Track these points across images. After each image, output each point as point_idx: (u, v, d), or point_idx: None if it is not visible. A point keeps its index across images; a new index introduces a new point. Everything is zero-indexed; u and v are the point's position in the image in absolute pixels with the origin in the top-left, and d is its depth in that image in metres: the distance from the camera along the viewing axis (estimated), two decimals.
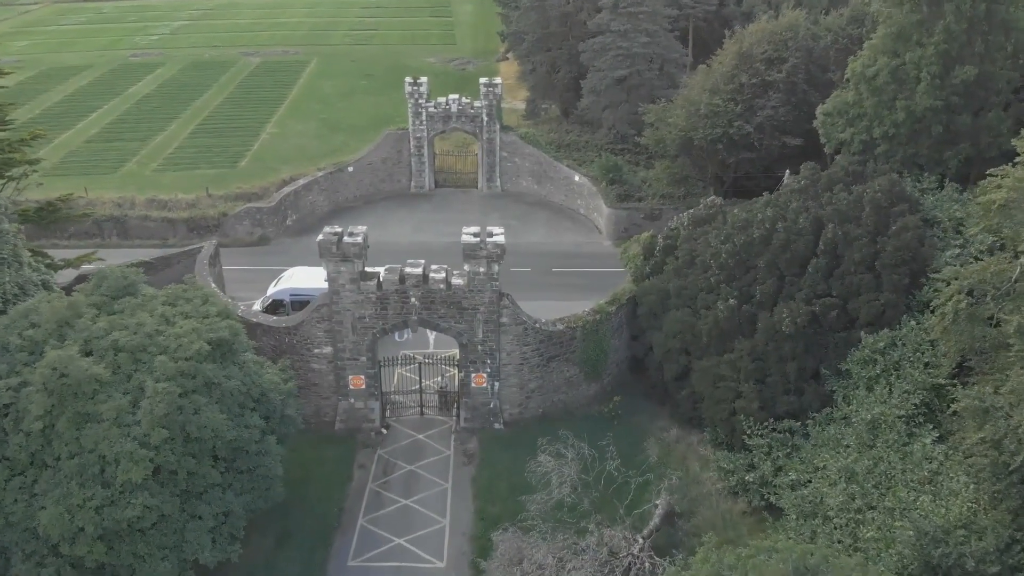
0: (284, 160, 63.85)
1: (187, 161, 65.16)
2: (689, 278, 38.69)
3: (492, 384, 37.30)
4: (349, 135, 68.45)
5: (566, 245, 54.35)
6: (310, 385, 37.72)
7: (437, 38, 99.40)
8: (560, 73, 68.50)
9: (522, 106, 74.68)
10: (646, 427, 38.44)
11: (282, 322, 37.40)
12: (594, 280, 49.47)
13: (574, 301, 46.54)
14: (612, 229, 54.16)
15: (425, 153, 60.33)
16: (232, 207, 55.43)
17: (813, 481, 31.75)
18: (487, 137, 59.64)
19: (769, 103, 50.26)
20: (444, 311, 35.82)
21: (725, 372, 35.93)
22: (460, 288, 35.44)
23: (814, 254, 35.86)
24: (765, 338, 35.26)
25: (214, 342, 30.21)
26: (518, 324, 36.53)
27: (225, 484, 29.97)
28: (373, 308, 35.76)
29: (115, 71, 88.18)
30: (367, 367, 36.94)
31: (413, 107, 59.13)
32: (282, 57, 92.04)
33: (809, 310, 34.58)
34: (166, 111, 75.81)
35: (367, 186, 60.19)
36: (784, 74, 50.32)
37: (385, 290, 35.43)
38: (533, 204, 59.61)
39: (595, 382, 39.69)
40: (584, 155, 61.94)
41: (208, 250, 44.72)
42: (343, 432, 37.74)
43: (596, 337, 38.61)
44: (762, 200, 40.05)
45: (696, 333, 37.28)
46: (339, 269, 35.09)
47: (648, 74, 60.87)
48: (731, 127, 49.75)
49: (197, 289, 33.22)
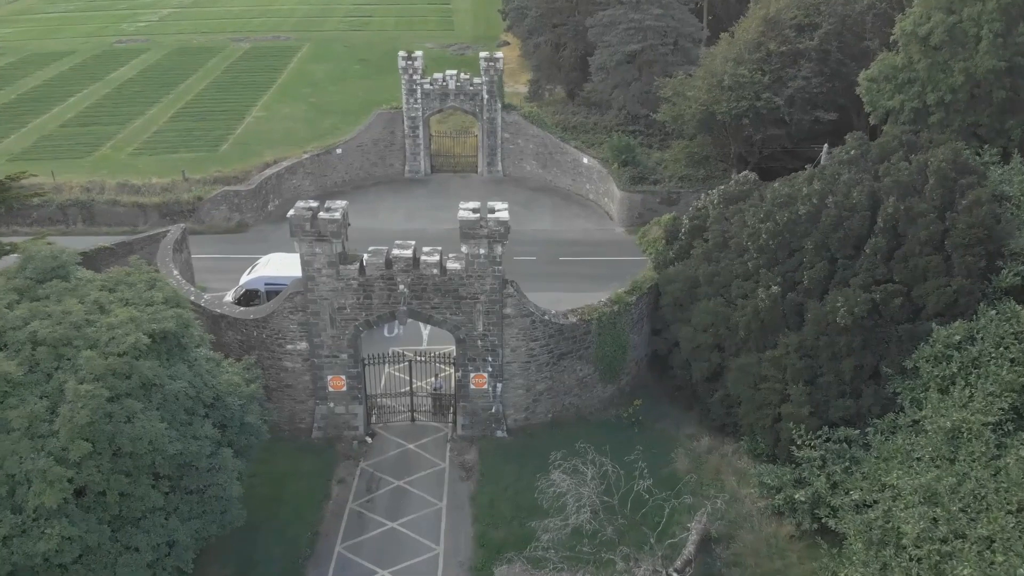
0: (269, 144, 57.86)
1: (165, 145, 59.22)
2: (722, 263, 32.71)
3: (494, 385, 31.31)
4: (340, 118, 62.47)
5: (574, 232, 48.39)
6: (282, 387, 31.73)
7: (435, 24, 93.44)
8: (566, 51, 62.53)
9: (524, 90, 68.75)
10: (672, 435, 32.45)
11: (249, 313, 31.40)
12: (606, 269, 43.62)
13: (584, 292, 40.87)
14: (625, 215, 48.17)
15: (420, 134, 54.34)
16: (209, 191, 49.44)
17: (881, 501, 25.74)
18: (488, 117, 53.66)
19: (800, 73, 44.32)
20: (438, 301, 29.85)
21: (767, 371, 29.94)
22: (457, 273, 29.49)
23: (871, 233, 29.93)
24: (815, 331, 29.28)
25: (157, 334, 24.28)
26: (524, 316, 30.55)
27: (169, 508, 24.01)
28: (355, 297, 29.79)
29: (98, 57, 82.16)
30: (349, 366, 30.95)
31: (407, 84, 53.13)
32: (272, 43, 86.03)
33: (868, 298, 28.61)
34: (147, 96, 69.83)
35: (357, 170, 54.18)
36: (816, 41, 44.40)
37: (369, 276, 29.47)
38: (538, 189, 53.63)
39: (611, 383, 33.71)
40: (593, 137, 55.94)
41: (174, 235, 38.72)
42: (321, 441, 31.75)
43: (614, 331, 32.62)
44: (804, 174, 34.09)
45: (731, 326, 31.32)
46: (314, 251, 29.13)
47: (662, 49, 54.88)
48: (758, 100, 43.80)
49: (143, 272, 27.23)
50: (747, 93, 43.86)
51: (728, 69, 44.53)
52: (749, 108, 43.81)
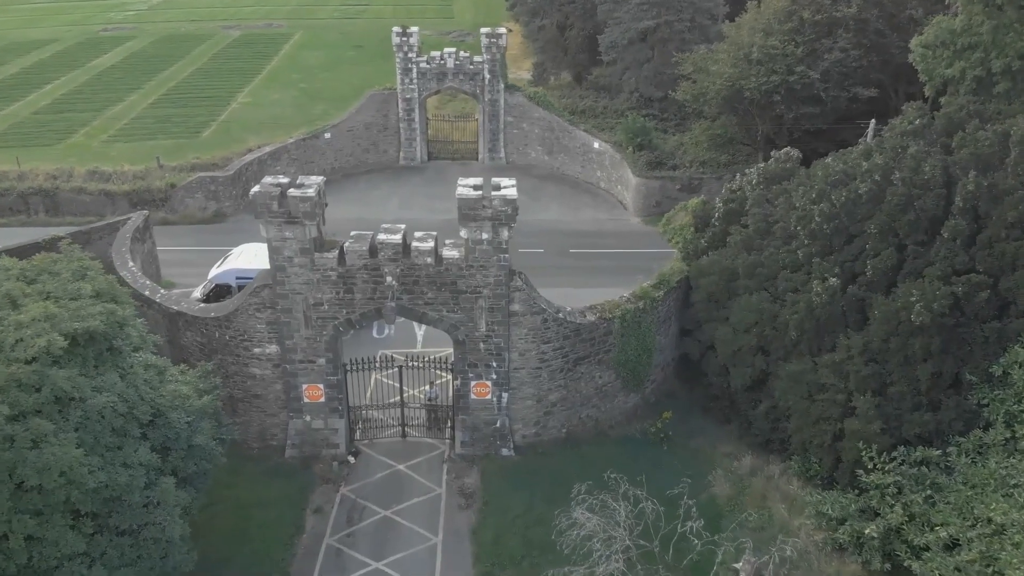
0: (253, 130, 52.54)
1: (142, 132, 53.89)
2: (765, 252, 27.38)
3: (499, 395, 25.96)
4: (331, 104, 57.13)
5: (585, 223, 43.04)
6: (250, 397, 26.38)
7: (434, 11, 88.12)
8: (572, 31, 57.20)
9: (528, 76, 63.42)
10: (708, 454, 27.07)
11: (209, 311, 26.02)
12: (621, 262, 38.34)
13: (597, 288, 35.59)
14: (641, 203, 42.82)
15: (416, 118, 48.98)
16: (184, 178, 44.04)
17: (977, 540, 20.44)
18: (489, 98, 48.31)
19: (837, 45, 38.99)
20: (433, 295, 24.51)
21: (826, 379, 24.60)
22: (455, 263, 24.15)
23: (947, 214, 24.62)
24: (884, 331, 23.94)
25: (79, 335, 18.97)
26: (535, 313, 25.20)
27: (93, 553, 18.72)
28: (334, 291, 24.45)
29: (81, 44, 76.79)
30: (327, 373, 25.59)
31: (402, 62, 47.77)
32: (264, 31, 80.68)
33: (948, 291, 23.28)
34: (128, 82, 64.50)
35: (347, 156, 48.80)
36: (855, 9, 39.06)
37: (350, 265, 24.13)
38: (544, 177, 48.27)
39: (635, 392, 28.36)
40: (603, 121, 50.63)
41: (135, 222, 33.35)
42: (295, 461, 26.38)
43: (638, 331, 27.28)
44: (859, 148, 28.78)
45: (779, 326, 25.99)
46: (284, 235, 23.77)
47: (678, 26, 49.54)
48: (791, 74, 38.47)
49: (72, 260, 21.89)
50: (778, 67, 38.55)
51: (757, 40, 39.24)
52: (781, 83, 38.50)
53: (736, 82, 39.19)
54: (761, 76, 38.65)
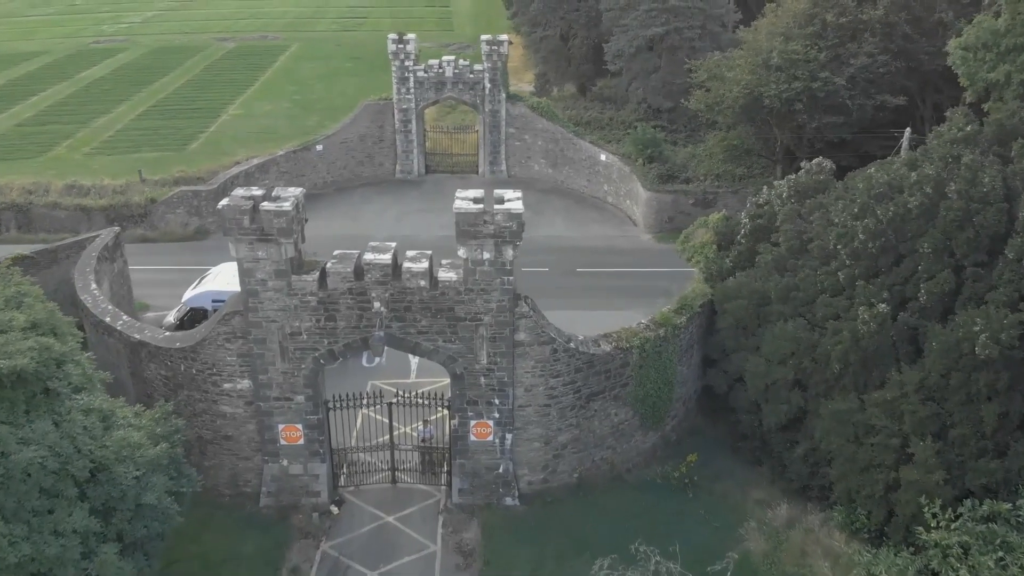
0: (243, 142, 49.45)
1: (127, 144, 50.78)
2: (801, 273, 24.09)
3: (502, 437, 22.56)
4: (325, 116, 54.11)
5: (593, 239, 39.76)
6: (220, 438, 22.98)
7: (433, 24, 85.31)
8: (576, 41, 54.27)
9: (528, 88, 60.43)
10: (738, 501, 23.63)
11: (174, 341, 22.66)
12: (633, 282, 35.06)
13: (608, 311, 32.45)
14: (652, 219, 39.57)
15: (413, 129, 45.81)
16: (165, 193, 40.81)
17: None
18: (490, 109, 45.19)
19: (863, 50, 35.88)
20: (427, 323, 21.18)
21: (876, 420, 21.23)
22: (452, 286, 20.84)
23: (1011, 231, 21.37)
24: (943, 365, 20.62)
25: (5, 376, 15.64)
26: (543, 343, 21.85)
27: None
28: (314, 319, 21.11)
29: (71, 57, 73.85)
30: (307, 411, 22.21)
31: (398, 71, 44.69)
32: (259, 42, 77.81)
33: (1017, 320, 19.97)
34: (117, 94, 61.50)
35: (340, 169, 45.60)
36: (881, 11, 35.99)
37: (332, 289, 20.81)
38: (548, 191, 45.06)
39: (655, 430, 24.98)
40: (609, 133, 47.60)
41: (103, 240, 30.04)
42: (271, 511, 22.94)
43: (659, 362, 23.93)
44: (903, 157, 25.57)
45: (819, 357, 22.66)
46: (256, 255, 20.47)
47: (688, 33, 46.57)
48: (814, 81, 35.32)
49: (9, 286, 18.60)
50: (800, 73, 35.41)
51: (776, 46, 36.12)
52: (803, 91, 35.35)
53: (754, 90, 36.07)
54: (781, 83, 35.53)
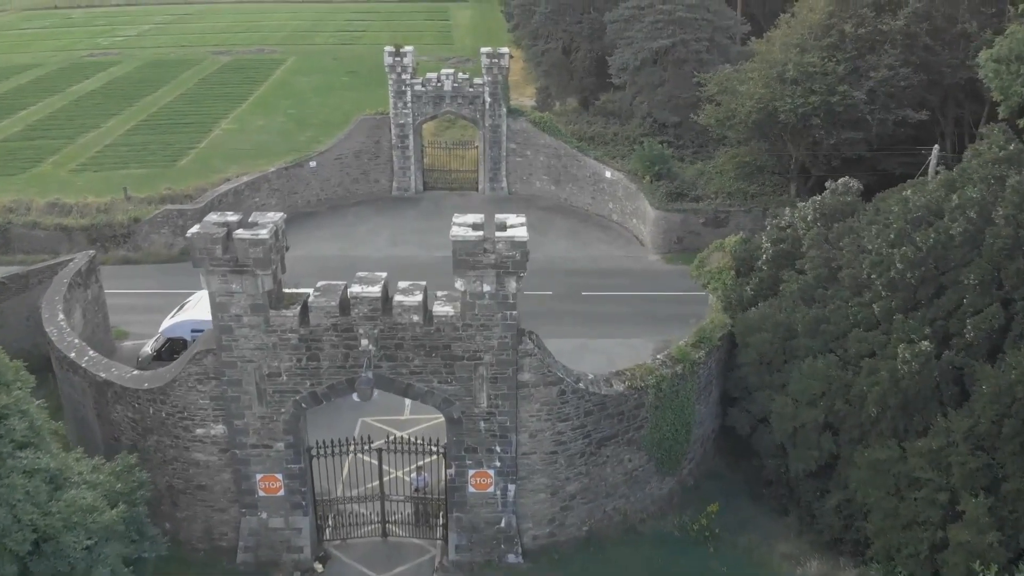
0: (234, 159, 47.31)
1: (114, 160, 48.59)
2: (830, 304, 21.81)
3: (504, 488, 20.20)
4: (320, 131, 51.97)
5: (598, 260, 37.51)
6: (193, 488, 20.62)
7: (432, 38, 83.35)
8: (579, 54, 52.21)
9: (530, 103, 58.38)
10: (764, 556, 21.24)
11: (142, 381, 20.34)
12: (642, 307, 32.90)
13: (616, 339, 30.43)
14: (660, 239, 37.35)
15: (411, 145, 43.68)
16: (150, 212, 38.60)
17: None
18: (490, 124, 43.08)
19: (883, 62, 33.76)
20: (421, 362, 18.88)
21: (920, 471, 18.90)
22: (449, 321, 18.55)
23: None
24: (994, 411, 18.31)
25: None
26: (550, 384, 19.54)
27: None
28: (294, 358, 18.81)
29: (64, 70, 71.78)
30: (287, 460, 19.87)
31: (395, 85, 42.61)
32: (256, 56, 75.80)
33: None
34: (108, 108, 59.36)
35: (334, 187, 43.42)
36: (902, 22, 33.90)
37: (315, 326, 18.52)
38: (551, 209, 42.87)
39: (671, 474, 22.64)
40: (614, 148, 45.44)
41: (76, 265, 27.74)
42: (249, 567, 20.55)
43: (676, 402, 21.62)
44: (939, 177, 23.35)
45: (853, 399, 20.35)
46: (230, 288, 18.19)
47: (695, 45, 44.50)
48: (832, 95, 33.19)
49: None
50: (818, 86, 33.29)
51: (792, 58, 34.01)
52: (820, 105, 33.21)
53: (768, 104, 33.93)
54: (797, 97, 33.40)
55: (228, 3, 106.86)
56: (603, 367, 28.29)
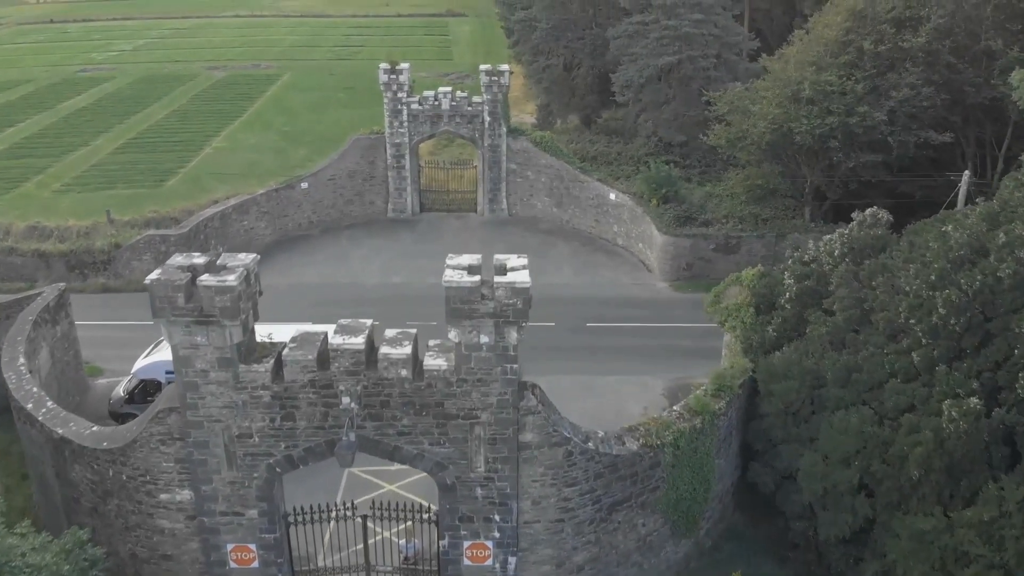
0: (225, 178, 45.19)
1: (100, 180, 46.53)
2: (863, 351, 19.64)
3: (504, 560, 17.95)
4: (314, 149, 49.90)
5: (603, 288, 35.35)
6: (157, 558, 18.38)
7: (432, 53, 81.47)
8: (581, 70, 50.27)
9: (530, 120, 56.42)
10: None
11: (101, 439, 18.14)
12: (651, 339, 30.77)
13: (625, 376, 28.35)
14: (669, 265, 35.22)
15: (407, 165, 41.63)
16: (133, 236, 36.48)
17: None
18: (490, 143, 41.05)
19: (904, 81, 31.74)
20: (410, 422, 16.70)
21: (969, 544, 16.68)
22: (441, 376, 16.38)
23: None
24: None
25: None
26: (556, 445, 17.34)
27: None
28: (267, 417, 16.63)
29: (55, 86, 69.82)
30: (261, 529, 17.64)
31: (391, 103, 40.61)
32: (251, 71, 73.89)
33: None
34: (97, 125, 57.34)
35: (327, 208, 41.32)
36: (924, 38, 31.88)
37: (291, 382, 16.34)
38: (552, 232, 40.77)
39: (688, 536, 20.39)
40: (618, 169, 43.42)
41: (45, 300, 25.60)
42: None
43: (694, 459, 19.43)
44: (977, 210, 21.23)
45: (891, 459, 18.14)
46: (194, 340, 16.03)
47: (702, 62, 42.55)
48: (851, 115, 31.15)
49: None
50: (835, 106, 31.25)
51: (808, 76, 31.98)
52: (839, 126, 31.16)
53: (783, 124, 31.87)
54: (814, 117, 31.36)
55: (226, 17, 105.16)
56: (611, 407, 26.19)
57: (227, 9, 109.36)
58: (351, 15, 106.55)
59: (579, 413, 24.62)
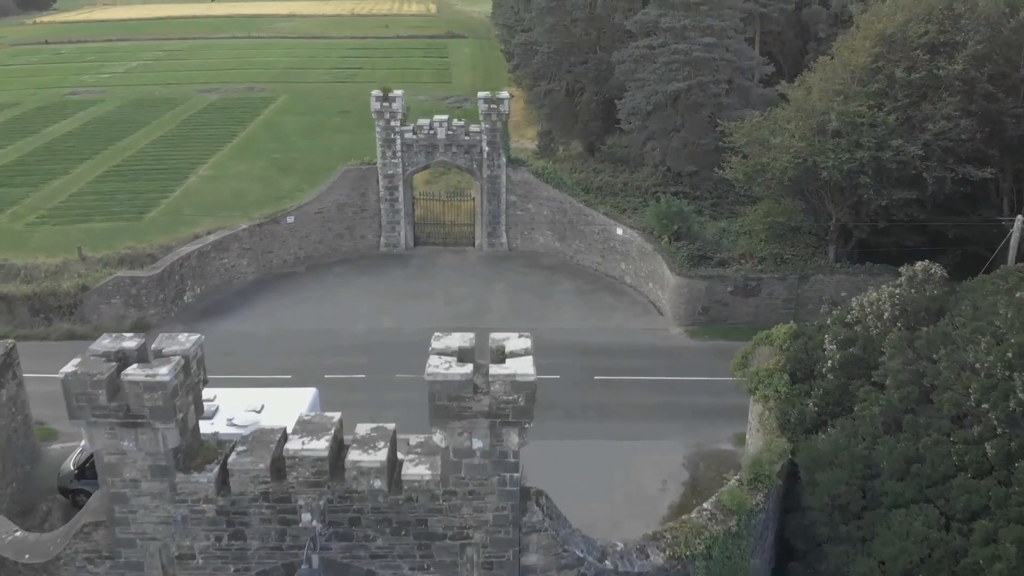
0: (208, 210, 42.23)
1: (78, 211, 43.53)
2: (924, 438, 16.45)
3: None
4: (304, 178, 46.97)
5: (612, 334, 32.14)
6: None
7: (430, 76, 78.83)
8: (584, 96, 47.42)
9: (531, 146, 53.56)
10: None
11: (23, 550, 14.93)
12: (668, 396, 27.65)
13: (640, 441, 25.59)
14: (682, 308, 32.07)
15: (400, 197, 38.62)
16: (104, 276, 33.37)
17: None
18: (488, 174, 38.07)
19: (941, 111, 28.72)
20: (386, 543, 13.52)
21: None
22: (424, 488, 13.20)
23: None
24: None
25: None
26: (565, 567, 14.12)
27: None
28: (211, 536, 13.45)
29: (42, 109, 67.11)
30: None
31: (383, 132, 37.67)
32: (245, 94, 71.18)
33: None
34: (82, 151, 54.51)
35: (315, 243, 38.26)
36: (960, 65, 28.88)
37: (239, 494, 13.17)
38: (555, 268, 37.65)
39: None
40: (624, 200, 40.49)
41: None
42: None
43: (728, 566, 16.19)
44: None
45: (962, 571, 14.93)
46: (121, 446, 12.87)
47: (714, 88, 39.64)
48: (883, 149, 28.13)
49: None
50: (866, 139, 28.22)
51: (835, 106, 28.97)
52: (869, 161, 28.13)
53: (808, 158, 28.84)
54: (841, 151, 28.33)
55: (223, 38, 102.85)
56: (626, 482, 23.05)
57: (224, 30, 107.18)
58: (350, 36, 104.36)
59: (589, 490, 21.63)
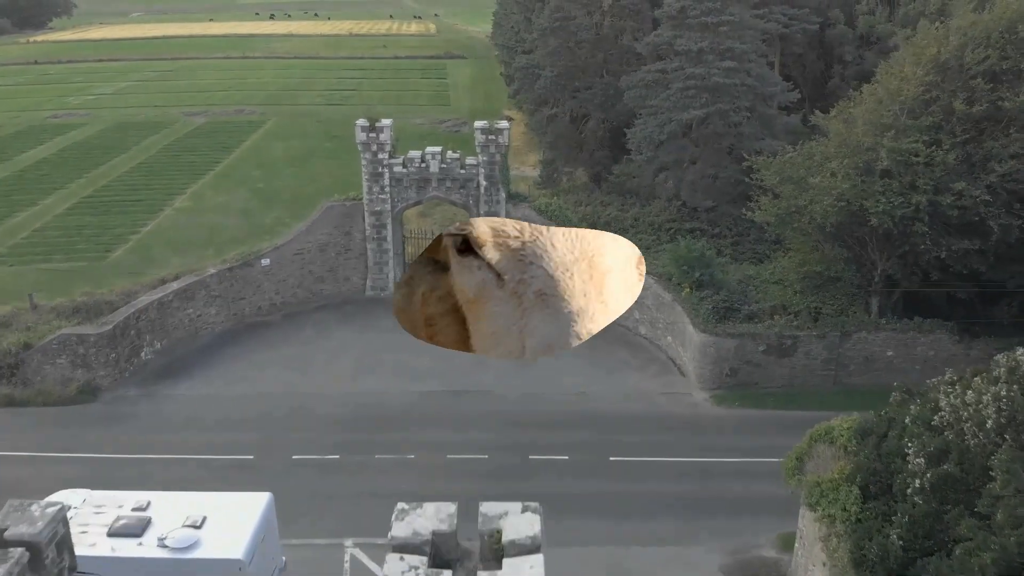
0: (179, 248, 37.89)
1: (39, 250, 39.22)
2: None
3: None
4: (288, 210, 42.63)
5: (627, 399, 27.83)
6: None
7: (428, 99, 74.83)
8: (590, 123, 43.35)
9: (532, 173, 49.56)
10: None
11: None
12: (694, 483, 23.48)
13: (663, 546, 21.18)
14: (708, 370, 27.74)
15: (388, 236, 34.47)
16: (52, 330, 29.09)
17: None
18: (486, 211, 33.91)
19: (1006, 150, 24.56)
20: None
21: None
22: None
23: None
24: None
25: None
26: None
27: None
28: None
29: (20, 133, 62.97)
30: None
31: (370, 165, 33.68)
32: (233, 117, 67.09)
33: None
34: (53, 180, 50.27)
35: (293, 288, 34.03)
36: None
37: None
38: None
39: None
40: (635, 238, 35.84)
41: None
42: None
43: None
44: None
45: None
46: None
47: (734, 116, 35.55)
48: (943, 193, 23.95)
49: None
50: (923, 182, 24.06)
51: (885, 142, 24.80)
52: (927, 206, 23.95)
53: (855, 202, 24.65)
54: (894, 195, 24.16)
55: (216, 59, 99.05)
56: None
57: (217, 50, 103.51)
58: (347, 56, 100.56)
59: None
